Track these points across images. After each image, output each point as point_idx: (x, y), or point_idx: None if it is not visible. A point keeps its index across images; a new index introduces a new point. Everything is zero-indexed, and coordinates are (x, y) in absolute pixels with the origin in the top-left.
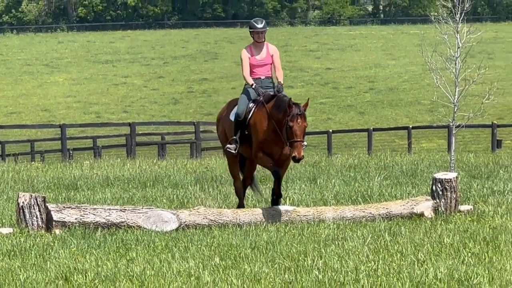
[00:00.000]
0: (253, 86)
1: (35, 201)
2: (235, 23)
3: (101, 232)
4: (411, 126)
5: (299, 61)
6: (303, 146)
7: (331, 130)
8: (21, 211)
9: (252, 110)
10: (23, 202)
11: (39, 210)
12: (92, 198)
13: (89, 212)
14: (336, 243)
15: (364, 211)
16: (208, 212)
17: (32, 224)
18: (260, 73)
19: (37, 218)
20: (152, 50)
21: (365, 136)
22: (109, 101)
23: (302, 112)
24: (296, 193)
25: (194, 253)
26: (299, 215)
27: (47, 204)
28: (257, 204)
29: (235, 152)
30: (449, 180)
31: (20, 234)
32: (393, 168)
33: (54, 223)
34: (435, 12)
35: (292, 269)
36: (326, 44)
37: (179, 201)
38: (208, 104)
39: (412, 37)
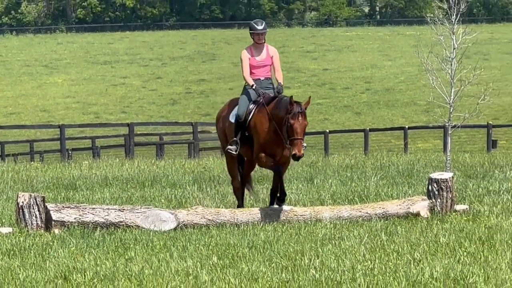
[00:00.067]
0: (254, 87)
1: (35, 201)
2: (232, 24)
3: (100, 231)
4: (407, 127)
5: (296, 62)
6: (303, 147)
7: (328, 131)
8: (21, 210)
9: (253, 112)
10: (23, 202)
11: (39, 210)
12: (91, 198)
13: (88, 212)
14: (333, 242)
15: (360, 211)
16: (206, 212)
17: (32, 224)
18: (260, 74)
19: (36, 217)
20: (150, 51)
21: (361, 136)
22: (108, 102)
23: (303, 110)
24: (293, 193)
25: (192, 253)
26: (296, 215)
27: (46, 204)
28: (254, 204)
29: (235, 153)
30: (445, 180)
31: (20, 234)
32: (390, 168)
33: (53, 222)
34: (431, 13)
35: (289, 268)
36: (323, 45)
37: (177, 200)
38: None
39: (408, 38)
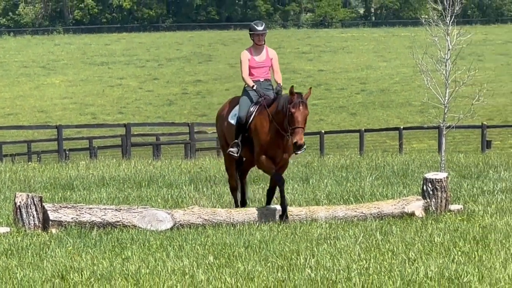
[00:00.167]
0: (254, 87)
1: (32, 201)
2: (228, 25)
3: (96, 231)
4: (402, 127)
5: (292, 63)
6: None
7: (323, 131)
8: (18, 210)
9: (253, 114)
10: (20, 202)
11: (36, 210)
12: (88, 198)
13: (85, 212)
14: (328, 242)
15: (356, 211)
16: (202, 212)
17: (29, 224)
18: (259, 75)
19: (33, 217)
20: (147, 52)
21: (356, 136)
22: (105, 103)
23: (304, 100)
24: (289, 193)
25: (188, 252)
26: (292, 215)
27: (43, 204)
28: (250, 204)
29: (237, 155)
30: (439, 180)
31: (17, 233)
32: (385, 168)
33: (50, 222)
34: (425, 14)
35: (285, 267)
36: (318, 46)
37: (174, 200)
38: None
39: (403, 39)
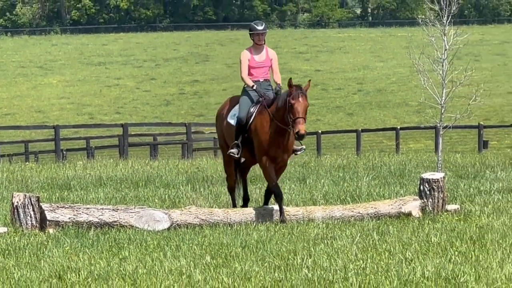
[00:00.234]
0: (254, 87)
1: (29, 201)
2: (225, 25)
3: (94, 231)
4: (399, 127)
5: (289, 63)
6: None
7: (320, 131)
8: (16, 210)
9: (254, 115)
10: (18, 202)
11: (33, 210)
12: (85, 198)
13: (82, 212)
14: (325, 242)
15: (352, 211)
16: (199, 212)
17: (26, 224)
18: (259, 75)
19: (31, 217)
20: (144, 53)
21: (353, 137)
22: (102, 103)
23: (303, 91)
24: (286, 193)
25: (185, 252)
26: (289, 215)
27: (41, 204)
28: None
29: (238, 156)
30: (436, 180)
31: (15, 233)
32: (381, 168)
33: (48, 222)
34: (422, 15)
35: (282, 267)
36: (315, 46)
37: (171, 200)
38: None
39: (400, 39)
